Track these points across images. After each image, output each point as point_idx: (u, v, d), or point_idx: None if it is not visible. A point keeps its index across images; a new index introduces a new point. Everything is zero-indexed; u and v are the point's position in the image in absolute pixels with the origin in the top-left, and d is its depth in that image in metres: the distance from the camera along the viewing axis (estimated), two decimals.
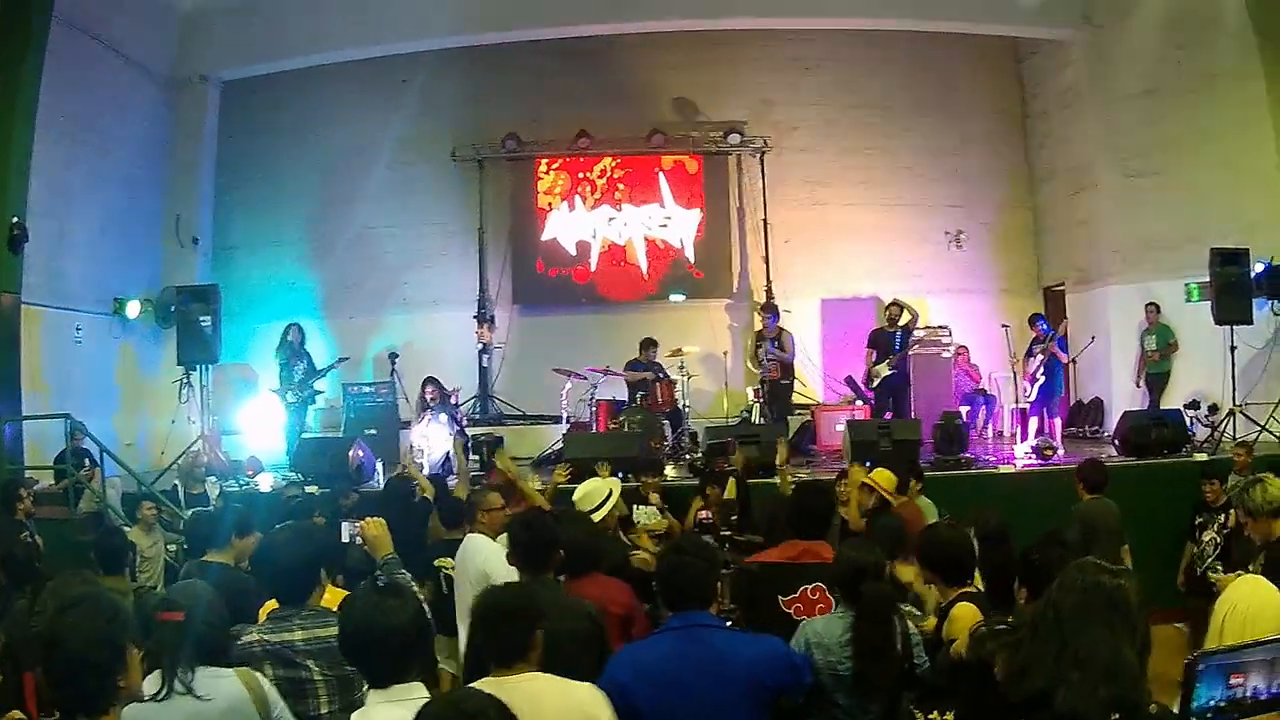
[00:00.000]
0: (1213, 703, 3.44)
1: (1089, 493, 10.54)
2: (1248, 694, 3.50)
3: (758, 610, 6.42)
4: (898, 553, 6.80)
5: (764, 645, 4.89)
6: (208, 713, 4.11)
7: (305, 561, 4.82)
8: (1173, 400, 16.07)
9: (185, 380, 15.50)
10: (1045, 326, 16.41)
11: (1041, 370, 15.91)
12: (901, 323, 16.77)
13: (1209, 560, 10.38)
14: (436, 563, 7.86)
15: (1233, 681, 3.48)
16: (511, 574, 5.66)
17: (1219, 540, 10.34)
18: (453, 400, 16.12)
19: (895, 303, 17.04)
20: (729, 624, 6.06)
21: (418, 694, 3.74)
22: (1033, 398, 16.05)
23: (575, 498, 7.92)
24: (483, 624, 4.19)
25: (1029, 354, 16.44)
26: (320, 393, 16.78)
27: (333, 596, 5.18)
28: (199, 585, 4.80)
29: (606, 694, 4.27)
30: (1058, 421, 16.20)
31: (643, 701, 4.36)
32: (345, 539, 5.42)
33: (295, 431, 16.05)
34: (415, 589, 4.80)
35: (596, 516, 7.38)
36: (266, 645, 4.54)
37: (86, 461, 13.12)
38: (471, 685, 3.99)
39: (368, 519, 5.40)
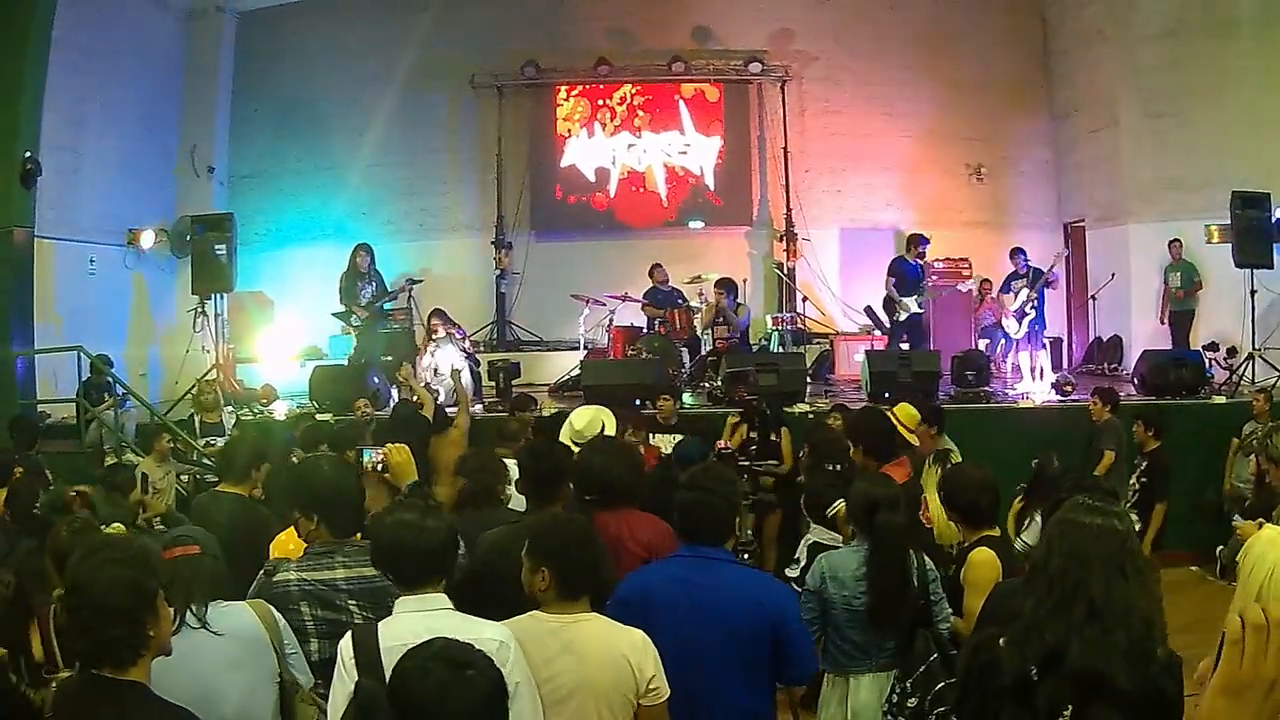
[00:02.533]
0: None
1: (1112, 413, 10.98)
2: None
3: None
4: None
5: (775, 590, 4.85)
6: (223, 647, 4.02)
7: (359, 493, 4.70)
8: (1195, 340, 15.97)
9: (200, 309, 15.47)
10: (1025, 262, 16.19)
11: (1032, 306, 15.70)
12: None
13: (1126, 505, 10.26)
14: None
15: None
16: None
17: (1138, 487, 10.27)
18: (460, 337, 15.87)
19: (922, 237, 16.82)
20: (745, 557, 6.03)
21: (440, 604, 3.89)
22: (1020, 334, 15.87)
23: (579, 426, 7.83)
24: (552, 555, 4.09)
25: (1005, 289, 16.30)
26: (390, 315, 16.54)
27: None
28: (198, 528, 4.69)
29: (608, 609, 4.28)
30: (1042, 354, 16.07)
31: (636, 620, 4.23)
32: (367, 466, 5.34)
33: (362, 355, 15.72)
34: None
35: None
36: (304, 584, 4.39)
37: (106, 395, 13.16)
38: (518, 619, 4.05)
39: (390, 445, 5.28)
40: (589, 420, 7.78)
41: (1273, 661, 1.68)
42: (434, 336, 14.89)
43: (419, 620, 3.79)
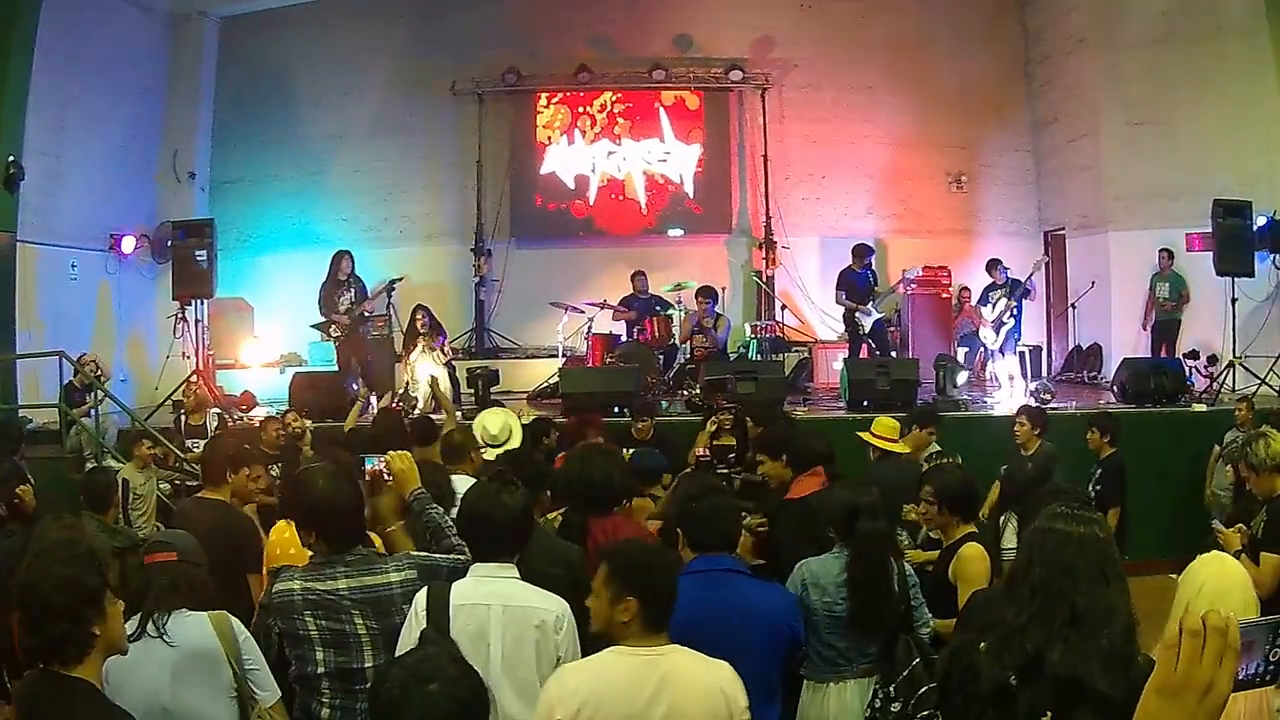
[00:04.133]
0: None
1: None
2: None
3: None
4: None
5: (785, 596, 4.94)
6: (172, 658, 4.04)
7: (356, 503, 4.66)
8: (1178, 350, 16.01)
9: (180, 315, 15.42)
10: (1005, 273, 16.24)
11: (1010, 315, 15.72)
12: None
13: None
14: None
15: None
16: None
17: (1093, 494, 10.26)
18: (440, 342, 15.71)
19: (868, 247, 16.92)
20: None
21: (509, 574, 4.39)
22: (997, 344, 15.87)
23: (494, 431, 7.84)
24: (640, 584, 3.86)
25: (983, 301, 16.30)
26: (369, 318, 16.15)
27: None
28: (182, 532, 4.75)
29: None
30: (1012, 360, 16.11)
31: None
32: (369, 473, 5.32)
33: (343, 362, 15.59)
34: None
35: (490, 455, 7.27)
36: (309, 594, 4.36)
37: (88, 398, 13.13)
38: (602, 655, 3.90)
39: (393, 452, 5.25)
40: (501, 425, 7.82)
41: (1208, 666, 1.79)
42: (420, 332, 14.72)
43: (487, 585, 4.32)
